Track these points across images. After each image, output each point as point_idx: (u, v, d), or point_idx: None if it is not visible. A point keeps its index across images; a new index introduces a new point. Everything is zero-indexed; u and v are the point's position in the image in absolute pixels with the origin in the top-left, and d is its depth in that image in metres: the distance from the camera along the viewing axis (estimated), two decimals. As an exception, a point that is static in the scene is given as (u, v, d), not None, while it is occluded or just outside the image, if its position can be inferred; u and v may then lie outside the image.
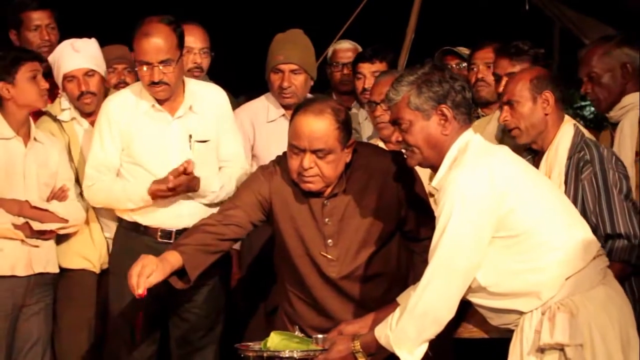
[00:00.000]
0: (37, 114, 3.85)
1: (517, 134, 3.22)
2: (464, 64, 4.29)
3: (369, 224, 3.00)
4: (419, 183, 3.04)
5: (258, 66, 4.17)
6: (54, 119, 3.81)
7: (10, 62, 3.55)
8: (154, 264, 2.86)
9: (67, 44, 3.78)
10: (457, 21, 5.68)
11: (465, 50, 4.46)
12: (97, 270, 3.75)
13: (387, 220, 3.02)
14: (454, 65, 4.30)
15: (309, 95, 4.09)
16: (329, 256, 2.99)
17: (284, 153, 3.09)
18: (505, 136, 3.55)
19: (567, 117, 3.28)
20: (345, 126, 2.96)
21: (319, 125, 2.91)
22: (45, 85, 3.57)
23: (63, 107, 3.81)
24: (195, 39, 4.04)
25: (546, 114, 3.19)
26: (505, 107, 3.21)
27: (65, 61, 3.75)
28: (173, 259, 2.91)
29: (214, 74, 4.21)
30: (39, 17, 4.09)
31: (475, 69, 3.97)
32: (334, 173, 2.97)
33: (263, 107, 3.99)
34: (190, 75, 4.04)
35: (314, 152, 2.92)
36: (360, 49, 4.57)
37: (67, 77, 3.74)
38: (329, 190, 3.01)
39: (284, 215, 3.03)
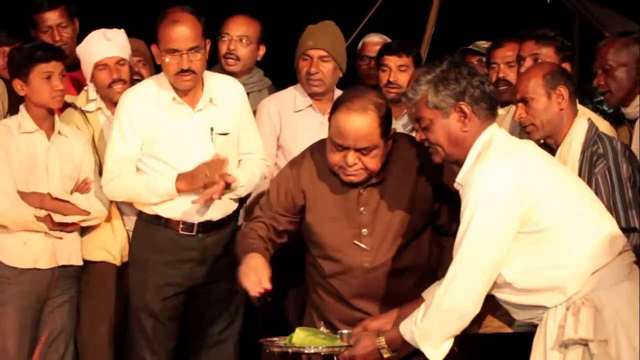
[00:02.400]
0: (62, 106, 3.86)
1: (532, 130, 3.21)
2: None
3: (403, 215, 3.01)
4: (453, 177, 3.03)
5: (282, 60, 4.17)
6: (79, 110, 3.82)
7: (24, 60, 3.57)
8: (260, 261, 2.92)
9: (98, 33, 3.79)
10: (478, 15, 5.67)
11: (484, 44, 4.44)
12: (118, 262, 3.77)
13: (421, 212, 3.03)
14: (475, 63, 4.26)
15: (338, 90, 4.09)
16: (363, 245, 3.00)
17: (318, 142, 3.11)
18: (522, 131, 3.55)
19: (580, 111, 3.26)
20: (388, 119, 2.97)
21: (363, 124, 2.90)
22: (59, 86, 3.57)
23: (90, 98, 3.80)
24: (232, 26, 4.07)
25: (561, 109, 3.18)
26: (520, 105, 3.20)
27: (97, 50, 3.75)
28: (263, 257, 2.97)
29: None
30: (50, 18, 4.10)
31: (495, 68, 3.92)
32: (377, 166, 2.98)
33: (290, 97, 3.97)
34: (225, 64, 4.07)
35: (358, 149, 2.93)
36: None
37: (99, 66, 3.74)
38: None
39: (317, 205, 3.04)
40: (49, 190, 3.60)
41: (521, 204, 2.66)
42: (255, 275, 2.87)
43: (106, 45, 3.76)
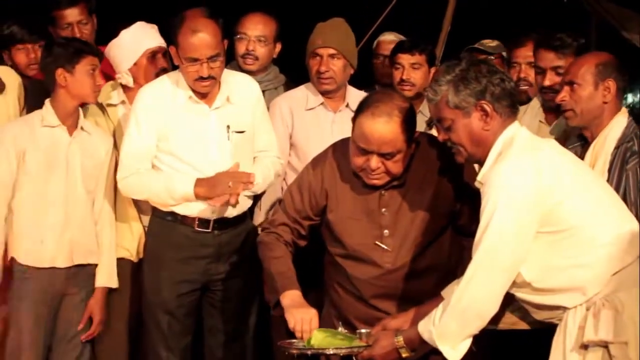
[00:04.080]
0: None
1: (570, 116, 3.19)
2: (492, 57, 4.25)
3: (424, 216, 3.00)
4: (474, 177, 3.00)
5: (295, 58, 4.16)
6: (99, 105, 3.82)
7: (73, 52, 3.57)
8: (311, 312, 2.94)
9: (146, 25, 3.78)
10: (494, 14, 5.65)
11: (491, 43, 4.42)
12: (134, 259, 3.78)
13: (442, 212, 3.02)
14: None
15: (352, 89, 4.06)
16: (384, 246, 3.00)
17: (341, 141, 3.10)
18: (542, 127, 3.53)
19: (623, 108, 3.23)
20: (412, 124, 2.96)
21: (388, 130, 2.90)
22: (100, 82, 3.58)
23: (124, 82, 3.80)
24: (250, 26, 4.05)
25: (605, 102, 3.16)
26: (566, 87, 3.17)
27: (149, 38, 3.75)
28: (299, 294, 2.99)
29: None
30: (69, 15, 4.09)
31: (517, 67, 3.90)
32: (400, 169, 2.98)
33: (302, 96, 3.96)
34: (242, 63, 4.07)
35: (382, 154, 2.93)
36: None
37: (150, 53, 3.75)
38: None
39: (339, 205, 3.04)
40: (68, 185, 3.59)
41: (542, 204, 2.65)
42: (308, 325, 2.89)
43: (155, 34, 3.74)
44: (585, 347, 2.66)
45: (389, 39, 4.61)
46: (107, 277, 3.67)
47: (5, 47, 4.03)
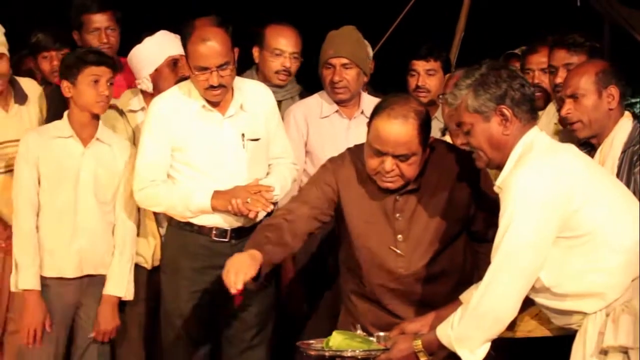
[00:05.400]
0: None
1: (578, 128, 3.20)
2: None
3: (438, 221, 3.01)
4: (489, 183, 3.03)
5: (309, 65, 4.18)
6: (120, 112, 3.84)
7: (74, 62, 3.58)
8: (248, 260, 2.86)
9: (169, 33, 3.81)
10: (507, 19, 5.66)
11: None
12: (149, 266, 3.78)
13: (456, 219, 3.03)
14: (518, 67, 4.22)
15: (366, 95, 4.07)
16: (399, 251, 3.00)
17: (356, 146, 3.11)
18: (558, 130, 3.53)
19: (627, 112, 3.24)
20: (427, 127, 2.97)
21: (404, 132, 2.91)
22: (105, 92, 3.57)
23: (144, 88, 3.81)
24: (287, 43, 4.05)
25: (610, 109, 3.16)
26: (569, 100, 3.18)
27: (172, 45, 3.76)
28: (258, 256, 2.91)
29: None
30: (98, 20, 4.11)
31: (530, 73, 3.86)
32: (415, 173, 2.99)
33: (317, 104, 3.98)
34: (275, 79, 4.09)
35: (397, 156, 2.94)
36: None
37: (172, 60, 3.77)
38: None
39: (353, 208, 3.04)
40: (79, 196, 3.59)
41: (561, 209, 2.65)
42: (235, 275, 2.83)
43: (178, 43, 3.74)
44: (605, 352, 2.66)
45: None
46: (114, 286, 3.65)
47: (33, 55, 4.08)
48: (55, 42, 3.97)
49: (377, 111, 2.98)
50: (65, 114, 3.65)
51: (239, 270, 2.83)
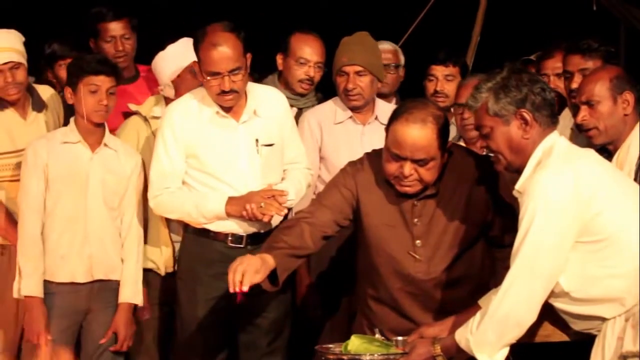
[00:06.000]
0: (127, 114, 3.92)
1: (594, 134, 3.19)
2: None
3: (456, 226, 3.01)
4: (507, 188, 3.03)
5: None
6: (143, 118, 3.85)
7: (74, 71, 3.60)
8: (258, 263, 2.86)
9: (188, 40, 3.76)
10: (523, 23, 5.65)
11: None
12: (161, 272, 3.79)
13: (475, 224, 3.03)
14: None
15: (381, 101, 4.08)
16: (417, 256, 3.00)
17: (374, 151, 3.11)
18: (573, 135, 3.53)
19: None
20: (445, 132, 2.98)
21: (422, 136, 2.91)
22: (103, 101, 3.57)
23: (167, 95, 3.82)
24: (312, 52, 4.07)
25: (626, 115, 3.16)
26: (584, 107, 3.18)
27: (194, 52, 3.73)
28: (269, 261, 2.92)
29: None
30: (114, 28, 4.15)
31: (545, 79, 3.80)
32: (433, 177, 2.99)
33: (330, 110, 3.99)
34: (299, 87, 4.11)
35: (415, 161, 2.94)
36: (400, 51, 4.51)
37: (195, 67, 3.73)
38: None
39: (371, 213, 3.04)
40: (88, 201, 3.61)
41: (581, 214, 2.64)
42: (241, 275, 2.82)
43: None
44: (624, 358, 2.66)
45: (385, 48, 4.52)
46: (130, 293, 3.67)
47: (49, 65, 4.11)
48: (72, 50, 3.99)
49: (395, 116, 2.98)
50: (72, 119, 3.67)
51: (247, 271, 2.83)
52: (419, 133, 2.92)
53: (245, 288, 2.81)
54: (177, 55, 3.82)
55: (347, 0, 5.41)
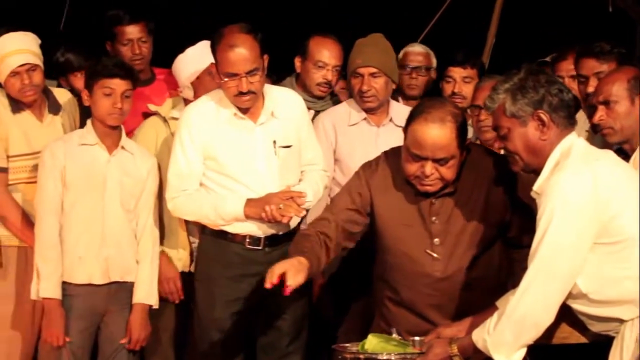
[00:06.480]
0: (146, 114, 3.94)
1: (609, 133, 3.19)
2: None
3: (475, 225, 3.01)
4: (525, 188, 3.03)
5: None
6: (162, 119, 3.87)
7: (91, 73, 3.62)
8: (297, 264, 2.90)
9: (207, 42, 3.77)
10: (539, 24, 5.65)
11: None
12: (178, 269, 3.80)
13: (493, 223, 3.03)
14: None
15: (395, 103, 4.09)
16: (435, 255, 3.01)
17: (392, 149, 3.12)
18: (589, 137, 3.52)
19: None
20: (464, 129, 2.99)
21: (442, 135, 2.92)
22: (117, 104, 3.57)
23: (186, 96, 3.83)
24: (331, 56, 4.08)
25: None
26: (601, 107, 3.18)
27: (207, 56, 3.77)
28: (304, 263, 2.95)
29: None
30: (131, 32, 4.16)
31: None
32: (453, 175, 3.00)
33: (345, 111, 4.00)
34: (317, 90, 4.12)
35: (436, 160, 2.95)
36: (431, 53, 4.55)
37: (213, 69, 3.73)
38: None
39: (387, 214, 3.05)
40: (106, 203, 3.62)
41: (599, 215, 2.64)
42: (281, 270, 2.87)
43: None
44: (642, 359, 2.65)
45: (416, 50, 4.56)
46: (145, 294, 3.68)
47: (62, 74, 4.10)
48: (87, 60, 3.96)
49: (413, 116, 2.99)
50: (89, 121, 3.68)
51: (289, 269, 2.87)
52: (438, 132, 2.93)
53: (293, 283, 2.85)
54: (196, 58, 3.83)
55: (363, 2, 5.43)
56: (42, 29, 3.89)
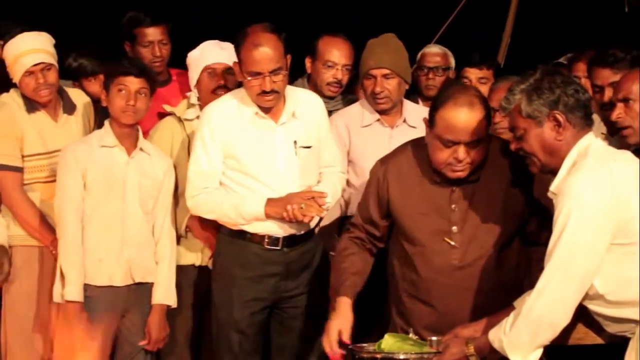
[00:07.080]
0: (162, 115, 3.96)
1: (629, 133, 3.18)
2: None
3: (494, 215, 3.02)
4: (542, 187, 3.01)
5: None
6: (177, 119, 3.88)
7: (108, 72, 3.64)
8: (347, 322, 3.05)
9: (213, 43, 3.87)
10: (554, 24, 5.64)
11: None
12: (194, 274, 3.82)
13: (512, 214, 3.03)
14: None
15: (409, 103, 4.07)
16: (453, 243, 3.01)
17: (412, 141, 3.15)
18: (606, 140, 3.51)
19: None
20: (489, 112, 3.02)
21: (473, 118, 2.95)
22: (131, 102, 3.59)
23: (192, 102, 3.86)
24: (340, 55, 4.09)
25: None
26: (620, 105, 3.16)
27: (209, 54, 3.82)
28: (348, 303, 3.11)
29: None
30: (151, 34, 4.16)
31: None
32: (482, 158, 3.02)
33: (358, 113, 3.99)
34: (327, 90, 4.12)
35: (468, 143, 2.96)
36: (449, 54, 4.55)
37: (208, 69, 3.80)
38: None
39: (404, 204, 3.07)
40: (126, 204, 3.64)
41: (616, 215, 2.64)
42: (336, 334, 2.98)
43: (220, 53, 3.82)
44: (658, 360, 2.65)
45: (434, 51, 4.56)
46: (163, 294, 3.69)
47: (75, 78, 4.11)
48: (100, 65, 3.99)
49: (440, 103, 3.00)
50: (107, 122, 3.69)
51: (341, 324, 3.04)
52: (469, 115, 2.95)
53: (346, 339, 3.01)
54: (195, 61, 3.87)
55: (377, 2, 5.43)
56: (54, 33, 3.90)
